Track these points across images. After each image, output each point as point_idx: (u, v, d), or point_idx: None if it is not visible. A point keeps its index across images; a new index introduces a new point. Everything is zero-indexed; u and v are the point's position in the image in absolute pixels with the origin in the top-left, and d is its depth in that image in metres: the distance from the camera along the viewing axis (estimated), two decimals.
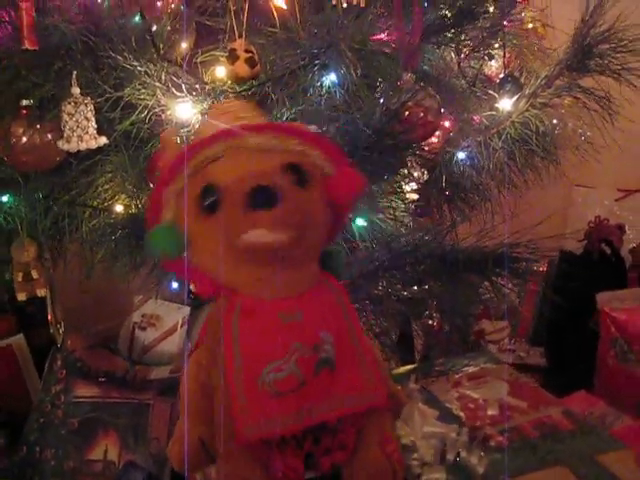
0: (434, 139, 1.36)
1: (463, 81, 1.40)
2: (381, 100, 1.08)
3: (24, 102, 1.03)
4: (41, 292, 1.20)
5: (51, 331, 1.40)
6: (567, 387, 1.32)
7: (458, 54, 1.39)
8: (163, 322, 1.59)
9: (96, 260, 1.21)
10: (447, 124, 1.40)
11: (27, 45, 0.97)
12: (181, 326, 1.59)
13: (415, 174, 1.27)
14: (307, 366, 0.84)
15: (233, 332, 0.87)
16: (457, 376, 1.18)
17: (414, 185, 1.32)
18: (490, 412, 1.07)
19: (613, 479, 0.94)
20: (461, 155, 1.41)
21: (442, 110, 1.18)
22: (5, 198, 1.17)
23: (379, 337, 1.40)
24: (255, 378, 0.84)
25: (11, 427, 1.41)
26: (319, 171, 0.88)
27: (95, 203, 1.17)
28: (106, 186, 1.17)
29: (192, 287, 1.00)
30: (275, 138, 0.86)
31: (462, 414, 1.04)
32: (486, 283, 1.13)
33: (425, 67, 1.28)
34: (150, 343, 1.58)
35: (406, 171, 1.27)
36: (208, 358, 0.93)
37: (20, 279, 1.19)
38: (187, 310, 1.59)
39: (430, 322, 1.36)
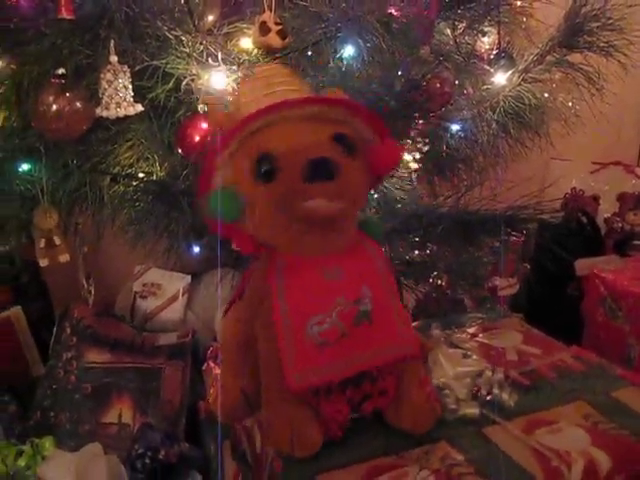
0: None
1: (458, 56, 1.46)
2: (399, 72, 1.14)
3: (57, 71, 1.04)
4: (63, 258, 1.22)
5: (82, 294, 1.42)
6: None
7: (454, 30, 1.44)
8: (164, 291, 1.63)
9: (115, 226, 1.23)
10: None
11: (64, 14, 0.99)
12: (182, 294, 1.63)
13: (419, 144, 1.33)
14: (348, 318, 0.91)
15: (278, 287, 0.92)
16: (473, 328, 1.26)
17: (416, 155, 1.38)
18: (510, 358, 1.16)
19: (630, 411, 1.03)
20: (455, 127, 1.48)
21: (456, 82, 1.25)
22: (26, 166, 1.18)
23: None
24: (302, 330, 0.90)
25: (15, 394, 1.43)
26: (362, 140, 0.92)
27: (115, 170, 1.20)
28: (126, 154, 1.19)
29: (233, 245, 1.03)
30: (322, 107, 0.90)
31: (484, 359, 1.12)
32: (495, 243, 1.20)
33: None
34: (152, 311, 1.62)
35: (410, 141, 1.33)
36: (249, 313, 0.98)
37: (42, 245, 1.20)
38: (188, 279, 1.63)
39: (439, 282, 1.43)
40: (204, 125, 1.08)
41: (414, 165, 1.37)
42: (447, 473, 0.88)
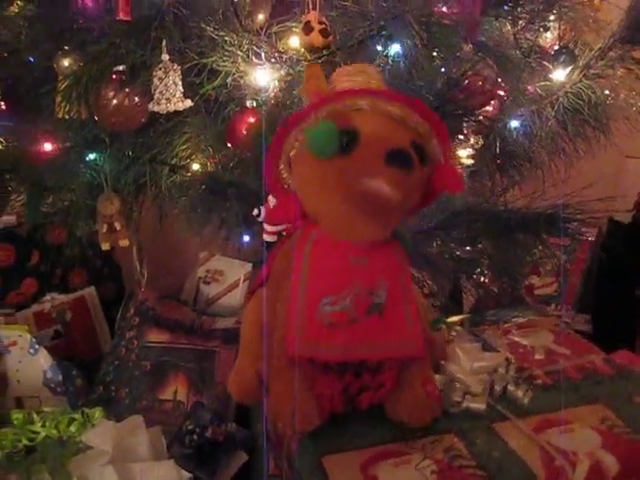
0: (489, 107, 1.42)
1: (518, 52, 1.45)
2: (442, 69, 1.15)
3: (116, 68, 1.12)
4: (123, 242, 1.30)
5: (135, 278, 1.50)
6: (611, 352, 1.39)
7: (514, 26, 1.44)
8: (226, 277, 1.70)
9: (172, 214, 1.30)
10: (502, 93, 1.46)
11: (121, 16, 1.06)
12: (243, 281, 1.69)
13: (471, 140, 1.34)
14: (360, 306, 0.93)
15: (304, 258, 0.96)
16: (507, 325, 1.27)
17: (469, 151, 1.38)
18: (537, 356, 1.16)
19: None
20: (514, 123, 1.47)
21: (499, 79, 1.25)
22: (92, 155, 1.27)
23: (432, 295, 1.49)
24: (314, 305, 0.94)
25: (83, 371, 1.53)
26: (432, 157, 0.94)
27: (173, 161, 1.27)
28: (184, 146, 1.26)
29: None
30: (405, 110, 0.91)
31: (512, 357, 1.13)
32: (537, 242, 1.20)
33: (483, 38, 1.34)
34: (214, 296, 1.69)
35: (461, 137, 1.34)
36: (273, 294, 1.01)
37: (104, 230, 1.29)
38: (249, 267, 1.70)
39: (482, 279, 1.44)
40: (251, 119, 1.13)
41: (467, 161, 1.38)
42: (449, 464, 0.90)
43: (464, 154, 1.37)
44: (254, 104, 1.12)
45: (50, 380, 1.43)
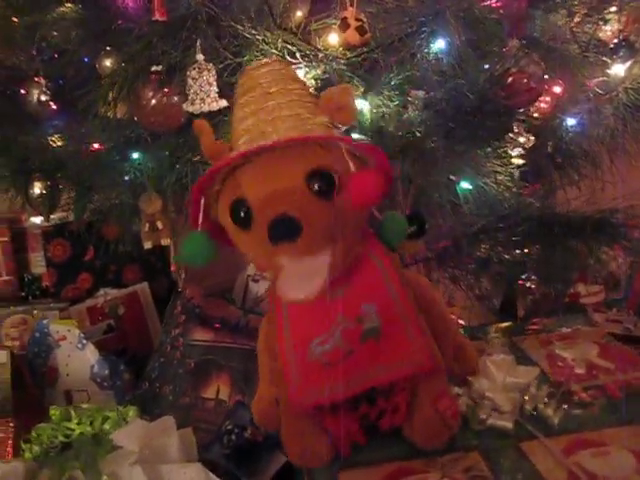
0: (543, 105, 1.37)
1: (575, 46, 1.39)
2: (486, 66, 1.11)
3: (154, 68, 1.12)
4: (165, 241, 1.31)
5: (173, 278, 1.51)
6: None
7: (571, 19, 1.38)
8: None
9: None
10: (557, 90, 1.40)
11: (157, 16, 1.06)
12: None
13: (521, 139, 1.28)
14: (352, 337, 0.89)
15: (283, 309, 0.93)
16: (548, 335, 1.21)
17: (520, 150, 1.33)
18: (577, 370, 1.10)
19: None
20: (571, 121, 1.41)
21: (547, 76, 1.19)
22: (135, 155, 1.28)
23: (482, 299, 1.44)
24: (304, 351, 0.91)
25: (134, 365, 1.55)
26: (345, 168, 0.86)
27: None
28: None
29: None
30: (299, 146, 0.85)
31: (549, 370, 1.07)
32: (584, 248, 1.15)
33: (535, 33, 1.29)
34: (262, 295, 1.69)
35: (511, 136, 1.29)
36: (270, 327, 1.00)
37: (147, 229, 1.30)
38: None
39: (528, 285, 1.38)
40: None
41: (517, 161, 1.33)
42: None
43: (514, 153, 1.32)
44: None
45: (97, 374, 1.46)
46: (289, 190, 0.83)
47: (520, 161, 1.35)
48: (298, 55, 1.05)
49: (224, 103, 1.11)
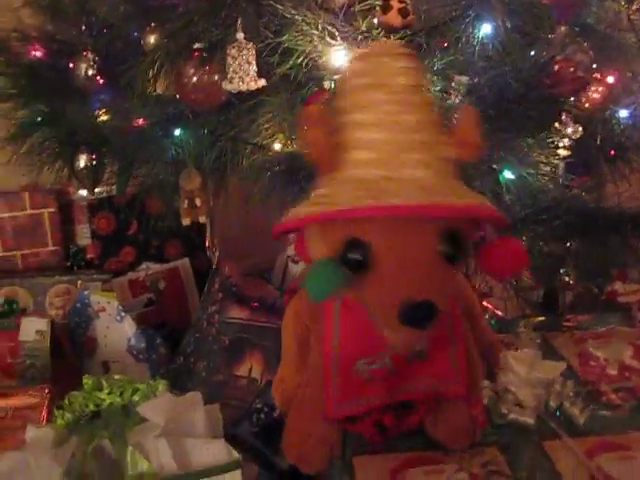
0: (595, 95, 1.32)
1: (632, 35, 1.34)
2: (532, 53, 1.08)
3: (196, 45, 1.12)
4: (202, 218, 1.32)
5: (208, 255, 1.53)
6: None
7: (628, 5, 1.33)
8: None
9: (254, 193, 1.30)
10: (611, 80, 1.36)
11: None
12: None
13: (569, 130, 1.25)
14: (401, 359, 0.89)
15: (334, 321, 0.91)
16: (583, 333, 1.18)
17: (567, 141, 1.29)
18: (609, 371, 1.07)
19: None
20: (623, 113, 1.37)
21: (598, 66, 1.15)
22: (177, 132, 1.29)
23: (521, 291, 1.41)
24: (350, 366, 0.90)
25: (172, 340, 1.57)
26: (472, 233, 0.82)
27: (255, 140, 1.26)
28: (266, 125, 1.24)
29: None
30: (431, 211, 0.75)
31: (579, 368, 1.05)
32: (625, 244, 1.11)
33: (589, 20, 1.24)
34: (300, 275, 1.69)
35: (558, 126, 1.25)
36: (307, 312, 0.98)
37: (185, 206, 1.31)
38: None
39: (566, 279, 1.35)
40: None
41: (564, 152, 1.29)
42: (483, 479, 0.84)
43: (561, 144, 1.29)
44: (331, 85, 1.08)
45: (133, 347, 1.48)
46: (426, 263, 0.76)
47: (567, 152, 1.31)
48: (339, 37, 1.03)
49: (263, 82, 1.10)
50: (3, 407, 1.21)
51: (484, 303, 1.55)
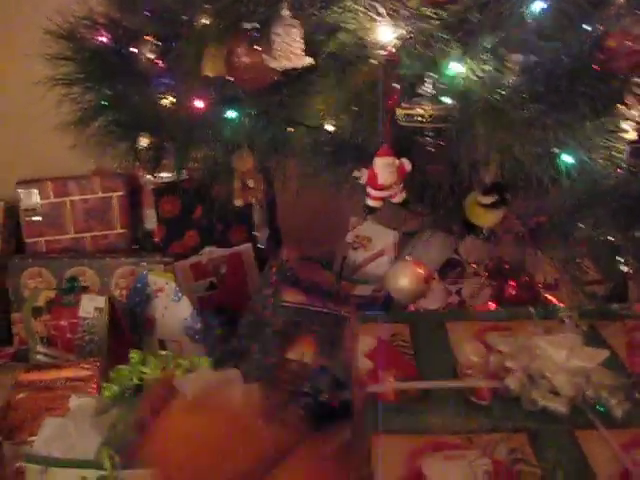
0: None
1: None
2: (587, 28, 1.02)
3: (245, 25, 1.12)
4: (255, 200, 1.32)
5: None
6: None
7: None
8: (374, 244, 1.67)
9: (305, 175, 1.29)
10: None
11: None
12: (390, 250, 1.66)
13: (634, 112, 1.18)
14: None
15: None
16: (637, 323, 1.11)
17: (633, 124, 1.23)
18: None
19: None
20: None
21: None
22: (232, 113, 1.29)
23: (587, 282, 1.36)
24: None
25: (231, 323, 1.58)
26: None
27: (307, 122, 1.25)
28: (317, 106, 1.24)
29: None
30: None
31: (627, 359, 0.99)
32: None
33: None
34: (360, 263, 1.68)
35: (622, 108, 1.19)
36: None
37: (238, 187, 1.32)
38: (396, 235, 1.66)
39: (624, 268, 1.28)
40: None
41: (629, 135, 1.22)
42: (507, 467, 0.81)
43: (626, 127, 1.22)
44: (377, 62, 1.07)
45: (189, 328, 1.51)
46: None
47: (633, 136, 1.25)
48: (384, 12, 1.01)
49: (309, 60, 1.09)
50: (56, 378, 1.25)
51: (548, 296, 1.50)
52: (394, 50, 1.02)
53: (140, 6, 1.46)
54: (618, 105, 1.17)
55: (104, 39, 1.50)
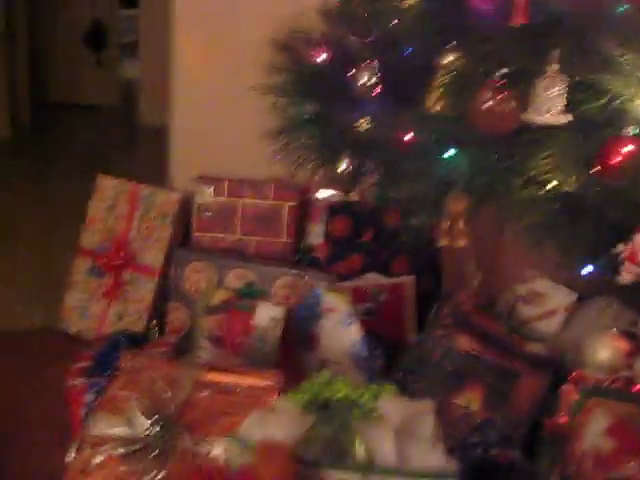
0: None
1: None
2: None
3: (500, 71, 1.11)
4: (461, 243, 1.30)
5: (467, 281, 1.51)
6: None
7: None
8: (547, 301, 1.63)
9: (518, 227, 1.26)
10: None
11: (518, 20, 1.05)
12: (564, 311, 1.61)
13: None
14: None
15: None
16: None
17: None
18: None
19: None
20: None
21: None
22: (451, 152, 1.28)
23: None
24: None
25: (385, 353, 1.57)
26: None
27: (531, 174, 1.23)
28: (544, 161, 1.21)
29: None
30: None
31: None
32: None
33: None
34: (529, 318, 1.64)
35: None
36: None
37: (446, 227, 1.30)
38: (574, 297, 1.61)
39: None
40: (628, 148, 1.05)
41: None
42: None
43: None
44: (634, 132, 1.03)
45: (356, 353, 1.50)
46: None
47: None
48: None
49: (569, 118, 1.07)
50: (236, 383, 1.26)
51: None
52: None
53: (365, 30, 1.48)
54: None
55: (323, 56, 1.52)
